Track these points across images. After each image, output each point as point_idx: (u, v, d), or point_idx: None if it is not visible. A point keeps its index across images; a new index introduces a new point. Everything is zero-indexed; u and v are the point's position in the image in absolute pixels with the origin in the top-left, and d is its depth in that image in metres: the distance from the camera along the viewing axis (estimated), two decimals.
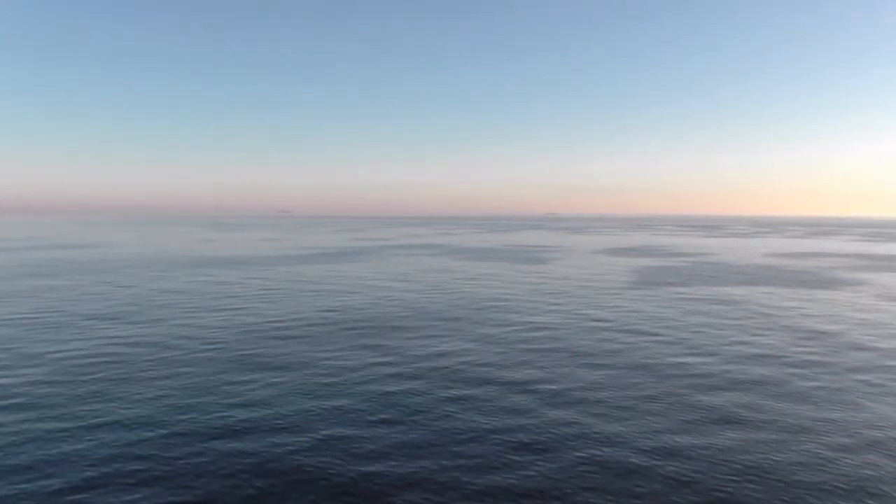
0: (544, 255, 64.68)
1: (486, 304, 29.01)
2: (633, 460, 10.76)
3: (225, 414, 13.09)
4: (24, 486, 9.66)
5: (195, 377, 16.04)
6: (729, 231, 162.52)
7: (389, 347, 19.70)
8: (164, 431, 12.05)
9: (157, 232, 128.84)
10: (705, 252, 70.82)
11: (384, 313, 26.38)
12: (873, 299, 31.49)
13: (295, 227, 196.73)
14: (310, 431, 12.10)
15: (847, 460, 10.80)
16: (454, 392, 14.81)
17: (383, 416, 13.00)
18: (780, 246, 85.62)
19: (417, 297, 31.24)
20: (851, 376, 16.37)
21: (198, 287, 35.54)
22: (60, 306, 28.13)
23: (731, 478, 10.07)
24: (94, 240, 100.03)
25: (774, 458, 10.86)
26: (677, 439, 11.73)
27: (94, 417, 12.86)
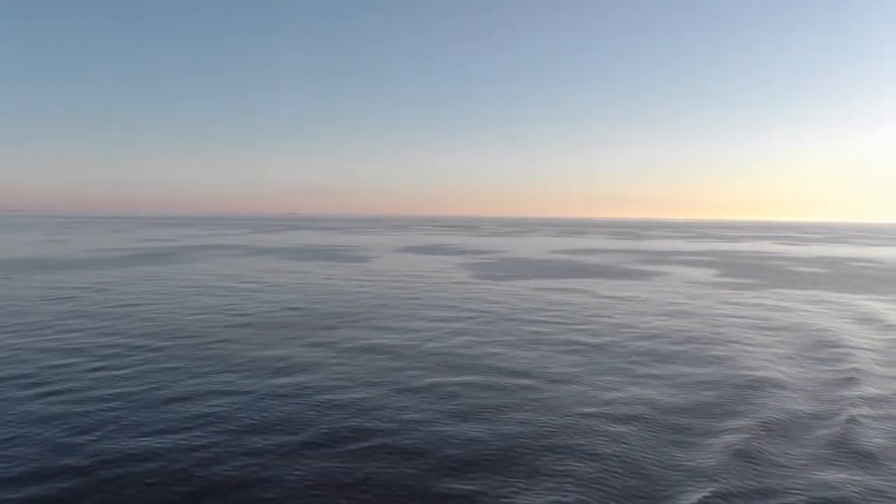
0: (356, 254, 64.67)
1: (352, 308, 28.77)
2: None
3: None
4: None
5: None
6: (489, 230, 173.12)
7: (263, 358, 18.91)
8: None
9: None
10: (498, 250, 77.04)
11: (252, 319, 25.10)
12: (684, 285, 38.09)
13: (58, 226, 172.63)
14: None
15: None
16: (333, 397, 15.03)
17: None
18: (554, 243, 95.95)
19: (268, 303, 29.93)
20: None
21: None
22: None
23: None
24: None
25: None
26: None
27: None
